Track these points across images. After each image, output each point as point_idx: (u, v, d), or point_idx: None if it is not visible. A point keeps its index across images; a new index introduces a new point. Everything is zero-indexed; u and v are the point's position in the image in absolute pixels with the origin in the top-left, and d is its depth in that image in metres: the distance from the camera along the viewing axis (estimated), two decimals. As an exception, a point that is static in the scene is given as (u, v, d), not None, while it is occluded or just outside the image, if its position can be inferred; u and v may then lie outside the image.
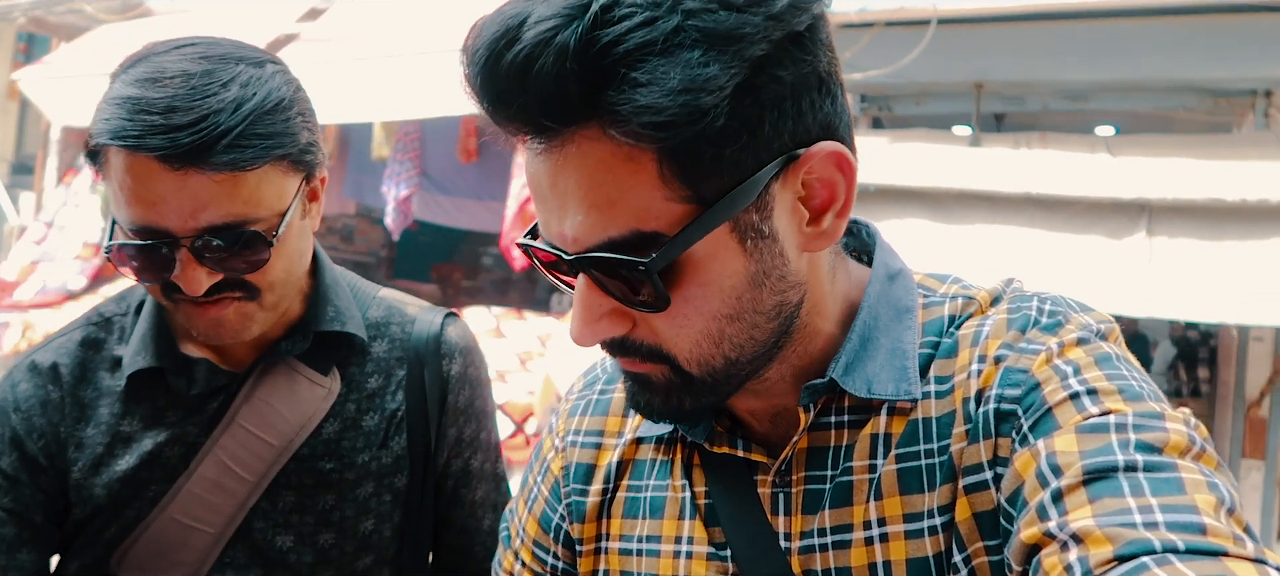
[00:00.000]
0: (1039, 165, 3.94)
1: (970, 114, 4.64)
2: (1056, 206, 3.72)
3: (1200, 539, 0.52)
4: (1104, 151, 4.07)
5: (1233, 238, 3.51)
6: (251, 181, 0.95)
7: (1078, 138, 4.25)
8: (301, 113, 1.02)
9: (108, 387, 1.10)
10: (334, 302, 1.14)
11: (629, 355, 0.68)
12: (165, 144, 0.89)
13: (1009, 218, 3.72)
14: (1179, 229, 3.61)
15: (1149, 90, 4.43)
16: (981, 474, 0.66)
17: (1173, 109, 4.52)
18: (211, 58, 0.96)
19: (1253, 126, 4.36)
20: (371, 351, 1.16)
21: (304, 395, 1.10)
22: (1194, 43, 4.12)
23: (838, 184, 0.66)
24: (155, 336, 1.09)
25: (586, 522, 0.86)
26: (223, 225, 0.95)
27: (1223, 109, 4.50)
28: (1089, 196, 3.70)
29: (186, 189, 0.92)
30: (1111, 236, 3.65)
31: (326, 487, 1.10)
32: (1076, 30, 4.23)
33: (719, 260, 0.63)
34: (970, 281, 0.78)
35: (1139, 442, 0.58)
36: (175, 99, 0.91)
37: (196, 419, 1.08)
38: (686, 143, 0.59)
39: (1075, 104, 4.57)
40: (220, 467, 1.06)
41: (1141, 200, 3.64)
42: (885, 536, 0.70)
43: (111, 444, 1.07)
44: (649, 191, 0.60)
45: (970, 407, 0.68)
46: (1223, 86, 4.31)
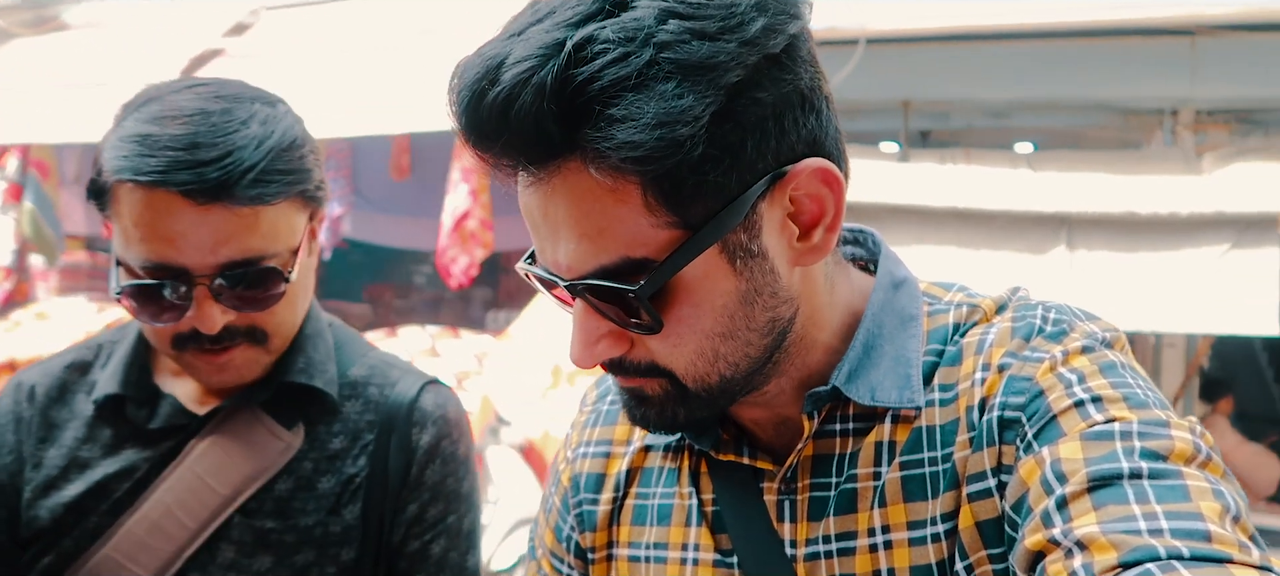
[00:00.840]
0: (964, 180, 4.06)
1: (898, 131, 4.76)
2: (982, 220, 3.83)
3: (1205, 546, 0.52)
4: (1025, 167, 4.22)
5: (1146, 249, 3.67)
6: (270, 217, 0.96)
7: (1000, 154, 4.40)
8: (313, 150, 1.03)
9: (80, 410, 1.08)
10: (308, 354, 1.10)
11: (627, 374, 0.70)
12: (192, 178, 0.90)
13: (938, 232, 3.83)
14: (1097, 241, 3.76)
15: (1065, 109, 4.62)
16: (985, 481, 0.67)
17: (1087, 126, 4.72)
18: (225, 97, 0.96)
19: (1161, 143, 4.57)
20: (343, 410, 1.12)
21: (262, 446, 1.06)
22: (1106, 63, 4.31)
23: (826, 199, 0.66)
24: (130, 364, 1.07)
25: (597, 531, 0.86)
26: (242, 260, 0.95)
27: (1133, 126, 4.71)
28: (1012, 210, 3.82)
29: (207, 224, 0.92)
30: (1034, 250, 3.78)
31: (265, 548, 1.05)
32: (998, 50, 4.38)
33: (710, 281, 0.64)
34: (975, 290, 0.78)
35: (1144, 450, 0.58)
36: (198, 135, 0.91)
37: (150, 455, 1.05)
38: (668, 171, 0.59)
39: (997, 121, 4.74)
40: (164, 510, 1.03)
41: (1061, 214, 3.77)
42: (889, 543, 0.70)
43: (66, 468, 1.05)
44: (636, 219, 0.61)
45: (974, 415, 0.69)
46: (1133, 105, 4.52)
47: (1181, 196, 3.72)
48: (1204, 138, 4.43)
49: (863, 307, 0.75)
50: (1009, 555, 0.64)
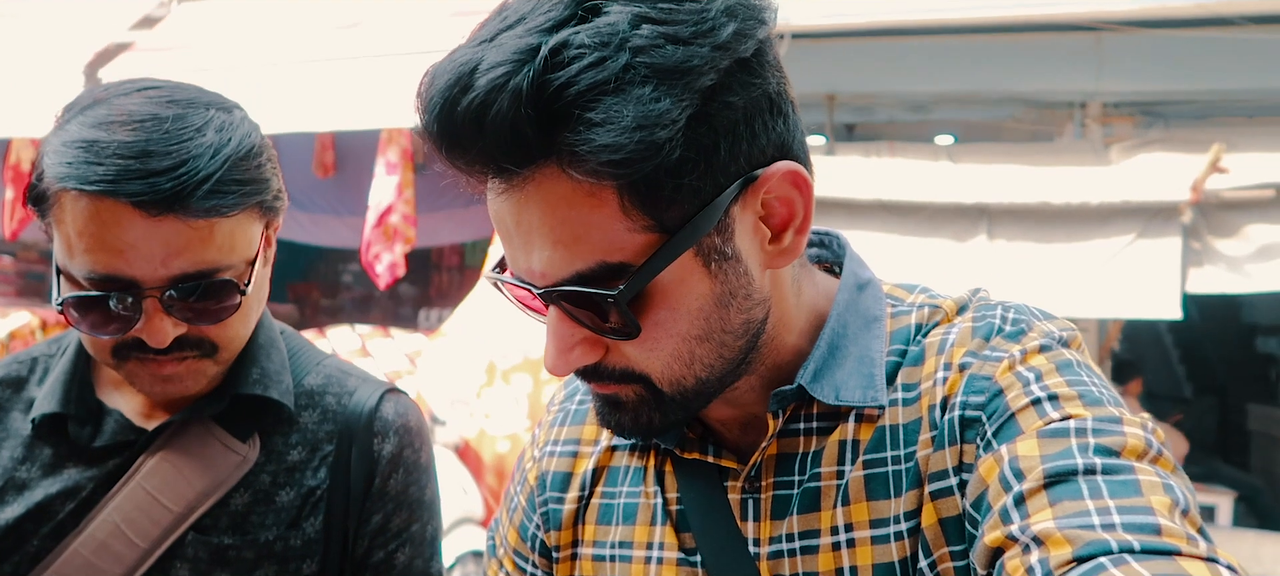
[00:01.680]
0: (888, 173, 4.17)
1: (824, 124, 4.85)
2: (906, 212, 3.94)
3: (1155, 539, 0.53)
4: (946, 160, 4.35)
5: (1060, 239, 3.83)
6: (226, 227, 0.90)
7: (922, 147, 4.53)
8: (270, 158, 0.97)
9: (16, 430, 1.02)
10: (261, 364, 1.05)
11: (602, 380, 0.69)
12: (143, 189, 0.84)
13: (864, 223, 3.92)
14: (1015, 231, 3.90)
15: (982, 102, 4.78)
16: (947, 480, 0.68)
17: (1003, 119, 4.88)
18: (179, 101, 0.91)
19: (1072, 135, 4.76)
20: (300, 421, 1.07)
21: (215, 461, 1.01)
22: (1020, 58, 4.47)
23: (795, 202, 0.67)
24: (70, 380, 1.01)
25: (563, 530, 0.86)
26: (195, 273, 0.89)
27: (1046, 119, 4.90)
28: (935, 202, 3.94)
29: (159, 236, 0.86)
30: (957, 239, 3.90)
31: (221, 565, 1.00)
32: (919, 45, 4.50)
33: (686, 285, 0.65)
34: (937, 291, 0.80)
35: (1098, 446, 0.60)
36: (150, 142, 0.85)
37: (95, 474, 0.99)
38: (645, 176, 0.59)
39: (918, 115, 4.87)
40: (112, 530, 0.97)
41: (981, 204, 3.91)
42: (852, 542, 0.71)
43: (3, 490, 0.99)
44: (612, 224, 0.61)
45: (936, 414, 0.69)
46: (1045, 98, 4.70)
47: (1091, 186, 3.89)
48: (1111, 130, 4.63)
49: (827, 309, 0.76)
50: (970, 552, 0.64)
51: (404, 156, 4.93)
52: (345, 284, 9.68)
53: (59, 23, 5.53)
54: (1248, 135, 4.04)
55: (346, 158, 6.23)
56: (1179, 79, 4.35)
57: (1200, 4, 3.83)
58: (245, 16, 5.22)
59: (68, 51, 5.18)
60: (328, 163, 6.22)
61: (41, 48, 5.42)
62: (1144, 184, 3.91)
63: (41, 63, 5.23)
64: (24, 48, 5.49)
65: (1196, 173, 3.72)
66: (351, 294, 9.45)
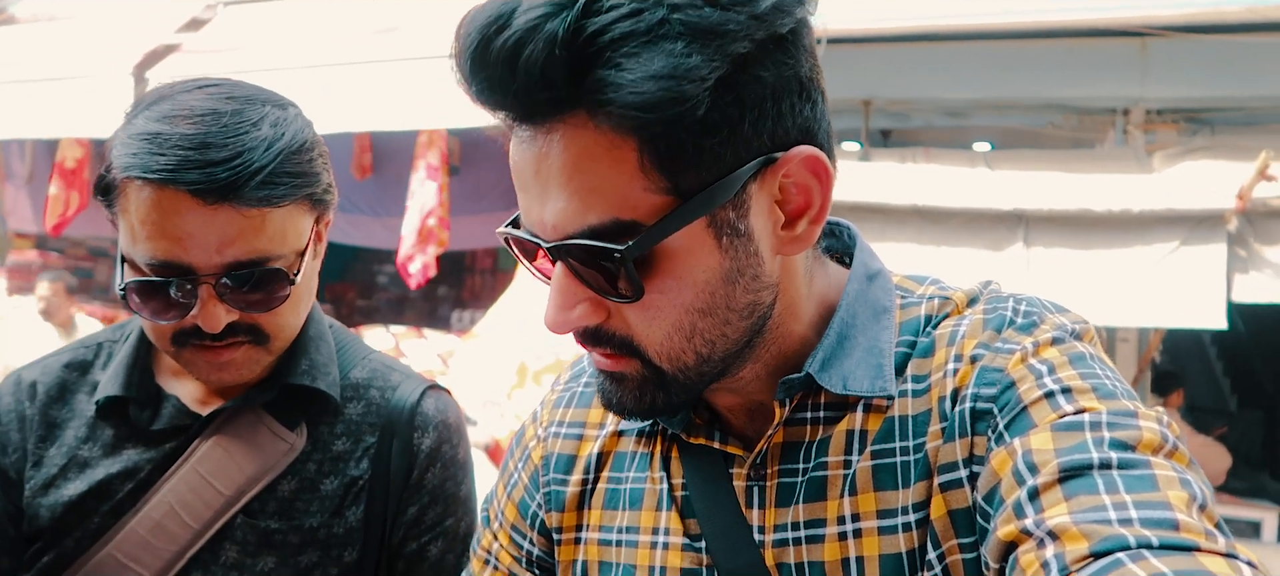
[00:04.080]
0: (924, 179, 4.13)
1: (860, 129, 4.82)
2: (941, 218, 3.90)
3: (1173, 535, 0.53)
4: (983, 166, 4.30)
5: (1100, 246, 3.76)
6: (278, 218, 0.95)
7: (958, 152, 4.48)
8: (322, 154, 1.03)
9: (81, 411, 1.07)
10: (311, 356, 1.09)
11: (601, 344, 0.69)
12: (201, 178, 0.89)
13: (898, 229, 3.88)
14: (1053, 238, 3.84)
15: (1021, 108, 4.71)
16: (957, 472, 0.67)
17: (1042, 126, 4.81)
18: (237, 98, 0.96)
19: (1114, 142, 4.67)
20: (345, 412, 1.11)
21: (265, 447, 1.05)
22: (1061, 64, 4.41)
23: (814, 190, 0.67)
24: (132, 366, 1.06)
25: (566, 512, 0.86)
26: (248, 261, 0.94)
27: (1087, 126, 4.82)
28: (971, 208, 3.89)
29: (215, 224, 0.91)
30: (993, 247, 3.85)
31: (268, 548, 1.04)
32: (956, 51, 4.46)
33: (694, 255, 0.65)
34: (947, 283, 0.79)
35: (1113, 440, 0.59)
36: (209, 135, 0.90)
37: (153, 455, 1.04)
38: (667, 131, 0.60)
39: (955, 121, 4.81)
40: (166, 510, 1.02)
41: (1018, 211, 3.85)
42: (859, 532, 0.70)
43: (66, 467, 1.04)
44: (629, 181, 0.62)
45: (946, 406, 0.69)
46: (1086, 105, 4.62)
47: (1133, 194, 3.82)
48: (1154, 137, 4.54)
49: (836, 299, 0.76)
50: (980, 545, 0.64)
51: (442, 159, 4.99)
52: (381, 285, 9.80)
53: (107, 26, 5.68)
54: (1296, 142, 3.94)
55: (384, 159, 6.31)
56: (1225, 85, 4.25)
57: (1248, 8, 3.75)
58: (288, 19, 5.32)
59: (116, 54, 5.31)
60: (366, 164, 6.31)
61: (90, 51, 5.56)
62: (1188, 191, 3.83)
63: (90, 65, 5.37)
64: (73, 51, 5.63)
65: (1242, 180, 3.64)
66: (387, 294, 9.57)
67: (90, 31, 5.68)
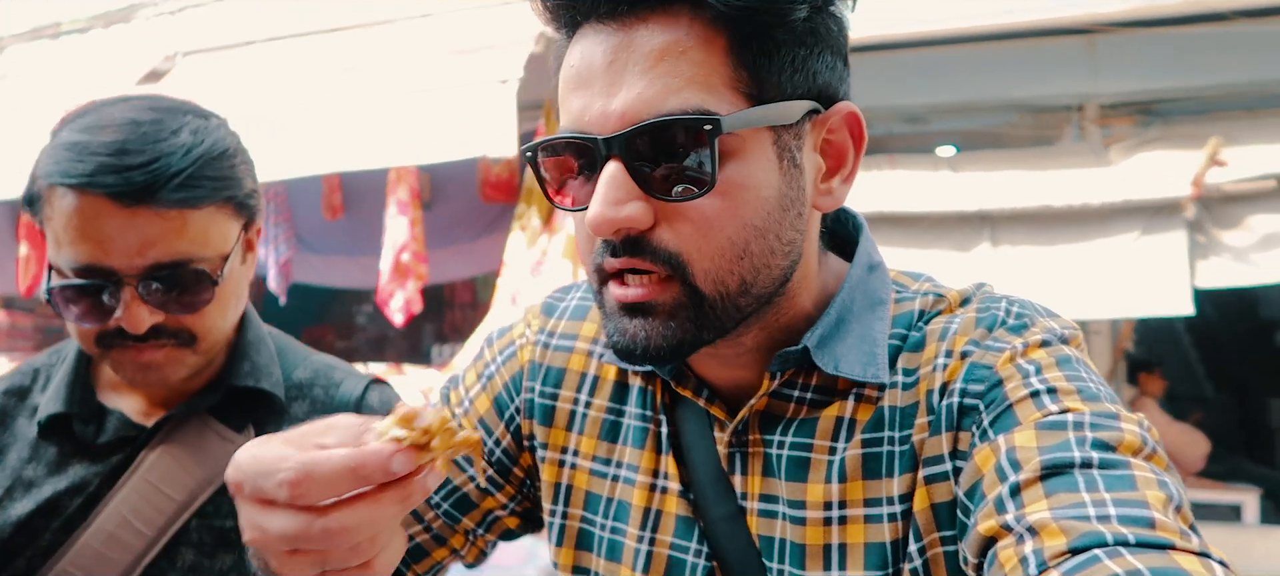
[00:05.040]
0: (889, 185, 4.17)
1: (823, 141, 4.87)
2: (908, 222, 3.95)
3: (1149, 533, 0.54)
4: (946, 169, 4.36)
5: (1064, 241, 3.82)
6: (199, 221, 0.97)
7: (922, 157, 4.54)
8: (245, 162, 1.05)
9: (22, 434, 1.08)
10: (252, 358, 1.12)
11: (641, 255, 0.67)
12: (118, 182, 0.92)
13: (866, 236, 3.93)
14: (1019, 236, 3.90)
15: (980, 110, 4.79)
16: (942, 465, 0.69)
17: (1001, 126, 4.89)
18: (159, 109, 0.99)
19: (1071, 138, 4.76)
20: (291, 412, 1.14)
21: (213, 451, 1.07)
22: (1014, 64, 4.49)
23: (849, 149, 0.72)
24: (72, 383, 1.08)
25: (552, 428, 0.86)
26: (169, 263, 0.96)
27: (1044, 123, 4.90)
28: (936, 211, 3.94)
29: (134, 227, 0.93)
30: (960, 248, 3.91)
31: (226, 547, 1.06)
32: (910, 58, 4.53)
33: (759, 166, 0.67)
34: (942, 281, 0.81)
35: (1095, 441, 0.60)
36: (128, 142, 0.93)
37: (100, 469, 1.05)
38: (763, 31, 0.64)
39: (915, 126, 4.88)
40: (119, 520, 1.03)
41: (983, 212, 3.91)
42: (845, 519, 0.72)
43: (11, 488, 1.05)
44: (717, 73, 0.64)
45: (934, 399, 0.70)
46: (1041, 103, 4.70)
47: (1092, 188, 3.89)
48: (1110, 131, 4.63)
49: (836, 288, 0.78)
50: (960, 539, 0.65)
51: (412, 195, 4.99)
52: (359, 325, 9.75)
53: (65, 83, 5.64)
54: (1247, 128, 4.03)
55: (354, 199, 6.29)
56: (1175, 76, 4.35)
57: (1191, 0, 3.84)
58: (247, 67, 5.31)
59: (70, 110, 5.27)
60: (336, 204, 6.28)
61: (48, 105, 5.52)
62: (1145, 182, 3.90)
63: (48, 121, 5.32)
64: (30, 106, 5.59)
65: (1197, 168, 3.72)
66: (366, 334, 9.52)
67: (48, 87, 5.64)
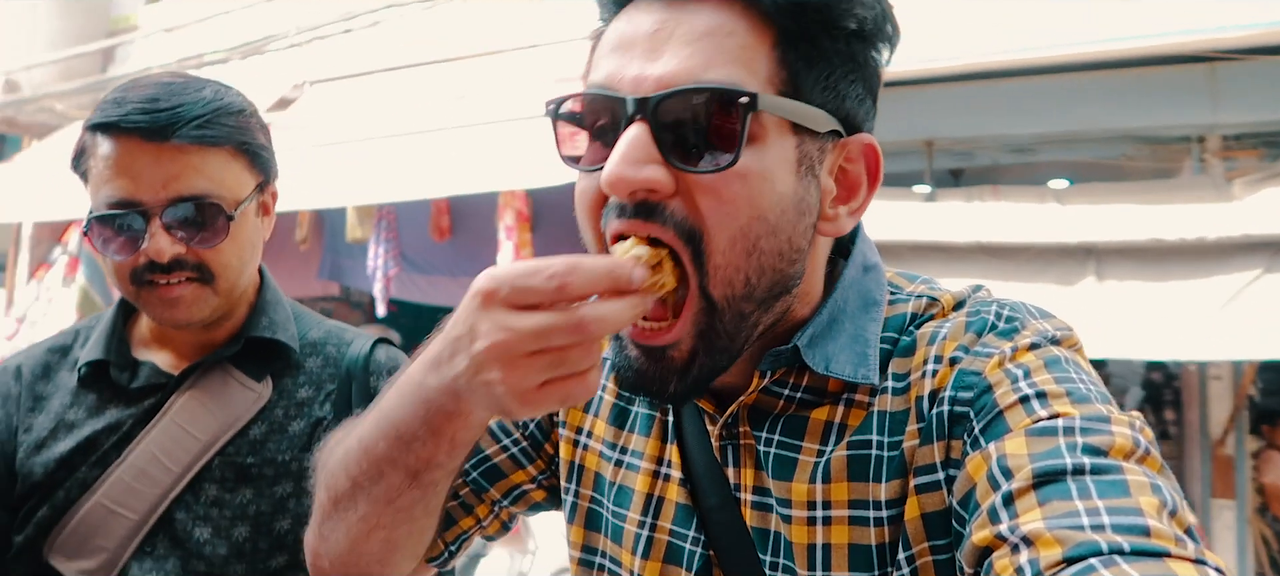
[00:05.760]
0: (990, 216, 4.08)
1: (923, 171, 4.80)
2: (1008, 254, 3.84)
3: (1144, 541, 0.53)
4: (1053, 201, 4.24)
5: (1176, 277, 3.65)
6: (215, 161, 1.13)
7: (1028, 189, 4.42)
8: (259, 124, 1.21)
9: (64, 383, 1.23)
10: (269, 315, 1.26)
11: (655, 219, 0.67)
12: (146, 120, 1.08)
13: (963, 267, 3.84)
14: (1127, 271, 3.74)
15: (1090, 141, 4.62)
16: (934, 474, 0.68)
17: (1115, 158, 4.72)
18: (185, 77, 1.16)
19: (1191, 171, 4.55)
20: (306, 365, 1.27)
21: (234, 397, 1.21)
22: (1127, 94, 4.33)
23: (862, 183, 0.74)
24: (109, 336, 1.23)
25: (572, 409, 0.89)
26: (189, 196, 1.11)
27: (1161, 155, 4.70)
28: (1037, 243, 3.83)
29: (160, 163, 1.10)
30: (1063, 281, 3.78)
31: (245, 482, 1.18)
32: (1018, 87, 4.42)
33: (779, 161, 0.68)
34: (939, 283, 0.80)
35: (1086, 446, 0.59)
36: (156, 94, 1.11)
37: (134, 412, 1.19)
38: (812, 34, 0.68)
39: (1022, 157, 4.75)
40: (149, 457, 1.16)
41: (1088, 244, 3.77)
42: (829, 520, 0.72)
43: (55, 429, 1.19)
44: (760, 61, 0.67)
45: (924, 406, 0.70)
46: (1158, 134, 4.51)
47: (1211, 222, 3.71)
48: (1233, 164, 4.41)
49: (832, 288, 0.78)
50: (954, 548, 0.65)
51: (519, 219, 5.17)
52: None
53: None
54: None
55: (461, 222, 6.54)
56: (1304, 107, 4.11)
57: (1322, 28, 3.64)
58: (366, 94, 5.62)
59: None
60: (444, 226, 6.54)
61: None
62: (1271, 217, 3.70)
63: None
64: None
65: (1327, 204, 3.50)
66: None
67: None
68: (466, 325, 0.64)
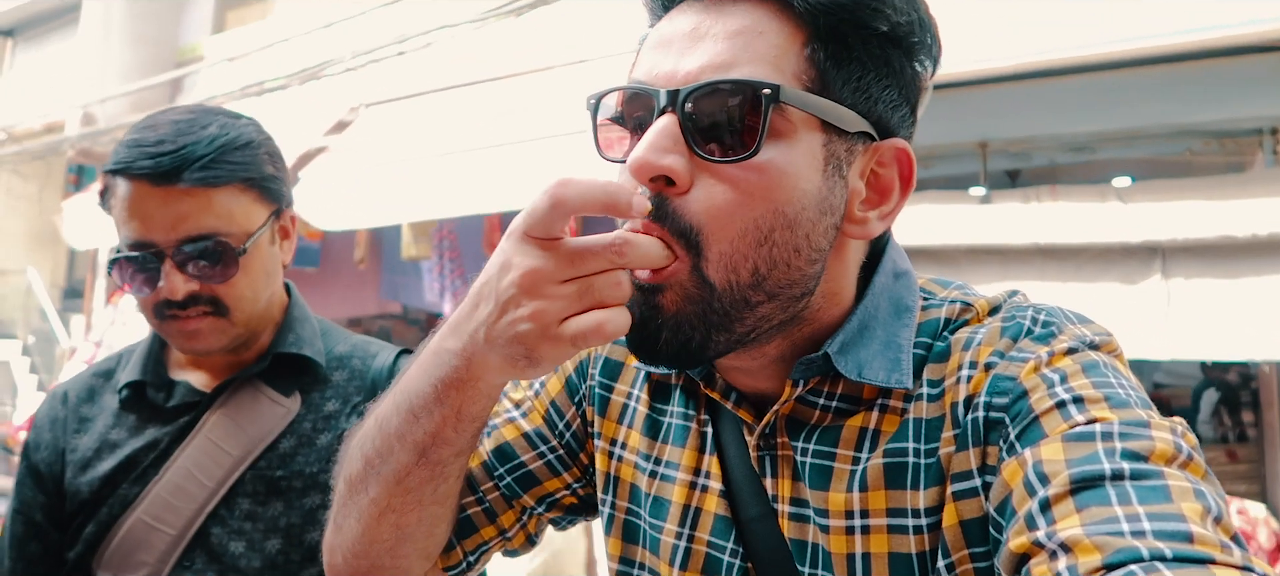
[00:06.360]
0: (1048, 217, 3.98)
1: (978, 173, 4.71)
2: (1067, 255, 3.74)
3: (1187, 547, 0.52)
4: (1115, 200, 4.11)
5: (1248, 274, 3.51)
6: (223, 200, 1.17)
7: (1088, 188, 4.29)
8: (269, 153, 1.24)
9: (108, 405, 1.29)
10: (296, 331, 1.31)
11: (663, 221, 0.68)
12: (151, 166, 1.13)
13: (1019, 270, 3.75)
14: (1194, 269, 3.61)
15: (1151, 137, 4.48)
16: (971, 481, 0.67)
17: (1179, 153, 4.56)
18: (197, 111, 1.20)
19: (1264, 164, 4.37)
20: (333, 380, 1.31)
21: (265, 413, 1.25)
22: (1195, 87, 4.17)
23: (894, 187, 0.73)
24: (147, 358, 1.29)
25: (606, 419, 0.89)
26: (198, 236, 1.15)
27: (1231, 150, 4.53)
28: (1098, 243, 3.72)
29: (168, 205, 1.14)
30: (1126, 281, 3.66)
31: (277, 495, 1.22)
32: (1075, 84, 4.30)
33: (804, 158, 0.69)
34: (974, 289, 0.79)
35: (1125, 451, 0.58)
36: (163, 136, 1.15)
37: (170, 430, 1.24)
38: (845, 36, 0.69)
39: (1080, 155, 4.63)
40: (185, 474, 1.21)
41: (1153, 243, 3.65)
42: (867, 528, 0.71)
43: (99, 449, 1.25)
44: (789, 60, 0.68)
45: (959, 412, 0.69)
46: (1226, 127, 4.35)
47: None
48: (1310, 156, 4.22)
49: (862, 293, 0.77)
50: (993, 556, 0.63)
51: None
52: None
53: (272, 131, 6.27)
54: None
55: (513, 237, 6.61)
56: (1385, 94, 3.91)
57: (1401, 10, 3.47)
58: (420, 115, 5.74)
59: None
60: (495, 242, 6.62)
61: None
62: (1349, 211, 3.53)
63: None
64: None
65: None
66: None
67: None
68: (499, 261, 0.66)
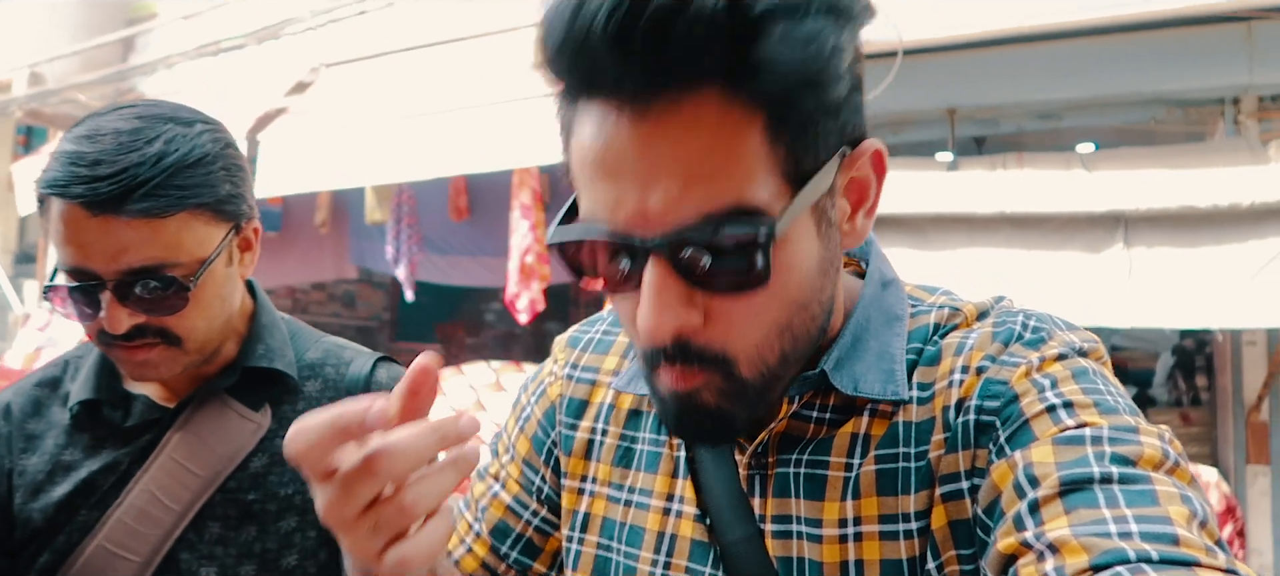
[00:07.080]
0: (1014, 185, 4.00)
1: (946, 139, 4.72)
2: (1032, 224, 3.77)
3: (1173, 549, 0.53)
4: (1079, 168, 4.14)
5: (1209, 243, 3.56)
6: (171, 228, 1.02)
7: (1053, 155, 4.32)
8: (226, 167, 1.09)
9: (56, 421, 1.17)
10: (265, 341, 1.19)
11: (689, 361, 0.65)
12: (87, 192, 0.98)
13: (986, 238, 3.78)
14: (1156, 238, 3.66)
15: (1118, 105, 4.51)
16: (959, 483, 0.67)
17: (1144, 121, 4.60)
18: (145, 117, 1.04)
19: (1224, 134, 4.42)
20: (304, 390, 1.20)
21: (233, 429, 1.15)
22: (1158, 56, 4.21)
23: (871, 184, 0.69)
24: (99, 372, 1.17)
25: (572, 458, 0.88)
26: (142, 268, 1.01)
27: (1193, 119, 4.57)
28: (1063, 212, 3.75)
29: (109, 234, 1.00)
30: (1089, 250, 3.70)
31: (249, 519, 1.13)
32: (1043, 51, 4.31)
33: (802, 244, 0.64)
34: (959, 295, 0.80)
35: (1114, 455, 0.59)
36: (103, 153, 0.99)
37: (130, 450, 1.13)
38: (799, 105, 0.59)
39: (1047, 123, 4.64)
40: (149, 497, 1.11)
41: (1116, 212, 3.69)
42: (860, 536, 0.71)
43: (52, 472, 1.14)
44: (754, 163, 0.59)
45: (950, 415, 0.69)
46: (1190, 96, 4.38)
47: (1245, 187, 3.60)
48: (1270, 126, 4.27)
49: (851, 305, 0.77)
50: (980, 557, 0.64)
51: (535, 198, 5.16)
52: (489, 322, 10.10)
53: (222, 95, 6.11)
54: None
55: (479, 201, 6.55)
56: (1345, 64, 3.97)
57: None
58: (382, 76, 5.61)
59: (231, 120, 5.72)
60: (461, 206, 6.55)
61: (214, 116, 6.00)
62: (1308, 180, 3.59)
63: (211, 131, 5.80)
64: (197, 119, 6.08)
65: (1367, 164, 3.39)
66: (495, 332, 9.86)
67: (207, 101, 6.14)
68: None
